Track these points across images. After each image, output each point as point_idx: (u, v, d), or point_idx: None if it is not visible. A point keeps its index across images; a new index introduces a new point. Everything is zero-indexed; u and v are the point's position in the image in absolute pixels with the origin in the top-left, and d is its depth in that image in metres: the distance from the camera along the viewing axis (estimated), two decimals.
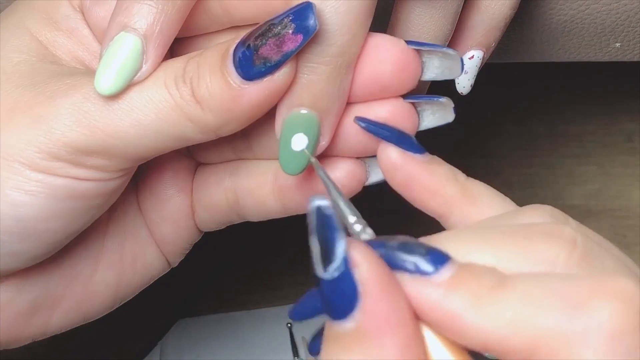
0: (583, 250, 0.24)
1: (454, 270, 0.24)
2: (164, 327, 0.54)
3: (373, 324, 0.23)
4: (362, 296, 0.23)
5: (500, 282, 0.23)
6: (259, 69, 0.29)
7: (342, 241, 0.24)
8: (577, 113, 0.61)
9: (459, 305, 0.23)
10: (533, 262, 0.24)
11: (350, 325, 0.23)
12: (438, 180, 0.31)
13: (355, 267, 0.23)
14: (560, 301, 0.22)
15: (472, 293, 0.23)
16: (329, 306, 0.24)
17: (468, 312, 0.23)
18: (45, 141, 0.30)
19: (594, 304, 0.22)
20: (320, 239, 0.24)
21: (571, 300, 0.22)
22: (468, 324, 0.23)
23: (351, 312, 0.23)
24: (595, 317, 0.22)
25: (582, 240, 0.25)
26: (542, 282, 0.23)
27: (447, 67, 0.33)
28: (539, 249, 0.25)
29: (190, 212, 0.37)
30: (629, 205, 0.58)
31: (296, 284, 0.57)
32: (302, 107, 0.31)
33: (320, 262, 0.24)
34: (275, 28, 0.29)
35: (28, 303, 0.34)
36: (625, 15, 0.40)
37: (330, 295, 0.24)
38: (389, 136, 0.31)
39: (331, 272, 0.24)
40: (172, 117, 0.30)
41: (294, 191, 0.34)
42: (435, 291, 0.24)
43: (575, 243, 0.25)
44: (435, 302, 0.24)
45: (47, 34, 0.33)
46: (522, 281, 0.23)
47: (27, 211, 0.30)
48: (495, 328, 0.23)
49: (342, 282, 0.23)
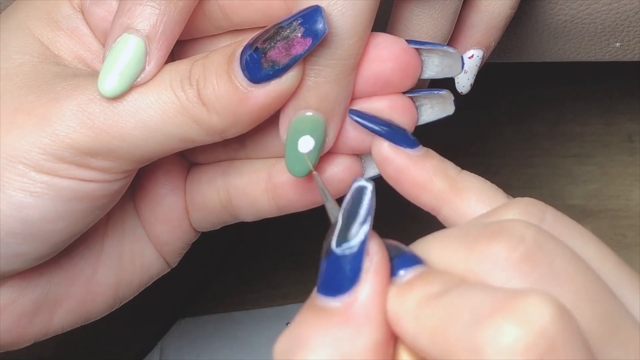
0: (528, 249, 0.24)
1: (412, 275, 0.25)
2: (164, 327, 0.54)
3: (359, 311, 0.24)
4: (362, 282, 0.24)
5: (442, 291, 0.23)
6: (266, 72, 0.29)
7: (368, 226, 0.25)
8: (577, 113, 0.61)
9: (401, 309, 0.24)
10: (476, 262, 0.24)
11: (336, 304, 0.24)
12: (426, 174, 0.31)
13: (367, 256, 0.24)
14: (469, 315, 0.22)
15: (416, 299, 0.24)
16: (324, 280, 0.24)
17: (406, 317, 0.24)
18: (50, 143, 0.30)
19: (491, 321, 0.22)
20: (347, 215, 0.25)
21: (477, 315, 0.22)
22: (404, 328, 0.24)
23: (343, 293, 0.24)
24: (488, 335, 0.21)
25: (533, 237, 0.24)
26: (464, 293, 0.23)
27: (447, 65, 0.33)
28: (483, 249, 0.24)
29: (184, 212, 0.37)
30: (629, 205, 0.58)
31: (296, 284, 0.57)
32: (309, 109, 0.31)
33: (336, 236, 0.25)
34: (284, 31, 0.29)
35: (30, 303, 0.34)
36: (625, 15, 0.40)
37: (331, 270, 0.24)
38: (381, 130, 0.32)
39: (344, 248, 0.24)
40: (177, 119, 0.30)
41: (288, 190, 0.34)
42: (390, 291, 0.24)
43: (521, 241, 0.24)
44: (387, 303, 0.24)
45: (49, 34, 0.33)
46: (453, 292, 0.23)
47: (31, 213, 0.30)
48: (420, 336, 0.23)
49: (349, 263, 0.24)
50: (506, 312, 0.22)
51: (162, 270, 0.38)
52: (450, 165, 0.31)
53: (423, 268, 0.25)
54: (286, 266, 0.57)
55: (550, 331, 0.21)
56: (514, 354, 0.21)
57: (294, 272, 0.57)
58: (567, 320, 0.22)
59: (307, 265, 0.57)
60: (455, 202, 0.30)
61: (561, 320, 0.22)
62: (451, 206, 0.30)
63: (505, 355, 0.21)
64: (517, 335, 0.21)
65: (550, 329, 0.21)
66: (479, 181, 0.31)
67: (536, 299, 0.22)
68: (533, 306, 0.22)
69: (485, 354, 0.21)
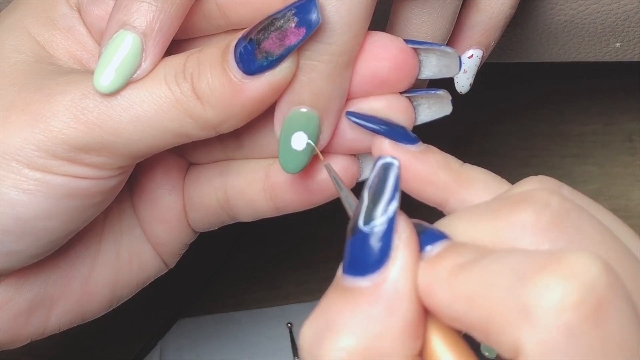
0: (555, 214, 0.24)
1: (441, 249, 0.24)
2: (164, 327, 0.54)
3: (391, 289, 0.23)
4: (392, 260, 0.24)
5: (474, 260, 0.23)
6: (260, 63, 0.30)
7: (396, 203, 0.24)
8: (577, 113, 0.61)
9: (433, 280, 0.24)
10: (504, 231, 0.24)
11: (365, 284, 0.24)
12: (430, 168, 0.31)
13: (396, 232, 0.24)
14: (511, 277, 0.22)
15: (447, 269, 0.23)
16: (351, 259, 0.24)
17: (440, 287, 0.23)
18: (43, 139, 0.30)
19: (538, 279, 0.22)
20: (374, 193, 0.24)
21: (520, 276, 0.22)
22: (438, 299, 0.23)
23: (372, 272, 0.24)
24: (537, 292, 0.21)
25: (558, 204, 0.24)
26: (500, 257, 0.23)
27: (444, 65, 0.33)
28: (509, 217, 0.24)
29: (182, 212, 0.37)
30: (629, 205, 0.58)
31: (296, 284, 0.57)
32: (303, 105, 0.31)
33: (363, 215, 0.24)
34: (277, 22, 0.29)
35: (27, 302, 0.34)
36: (625, 15, 0.40)
37: (359, 249, 0.24)
38: (380, 129, 0.32)
39: (372, 226, 0.24)
40: (172, 113, 0.30)
41: (285, 190, 0.34)
42: (420, 266, 0.24)
43: (546, 206, 0.24)
44: (418, 277, 0.24)
45: (45, 34, 0.33)
46: (488, 258, 0.23)
47: (25, 210, 0.30)
48: (457, 303, 0.23)
49: (378, 241, 0.24)
50: (553, 269, 0.22)
51: (159, 270, 0.38)
52: (452, 159, 0.31)
53: (449, 242, 0.25)
54: (286, 266, 0.57)
55: (598, 286, 0.21)
56: (564, 310, 0.21)
57: (294, 272, 0.57)
58: (614, 276, 0.22)
59: (307, 265, 0.57)
60: (461, 194, 0.30)
61: (609, 276, 0.22)
62: (458, 198, 0.30)
63: (555, 311, 0.21)
64: (567, 291, 0.21)
65: (599, 284, 0.21)
66: (483, 172, 0.31)
67: (582, 256, 0.22)
68: (580, 262, 0.22)
69: (534, 312, 0.21)
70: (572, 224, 0.24)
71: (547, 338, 0.21)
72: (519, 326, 0.22)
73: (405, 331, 0.23)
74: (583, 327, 0.21)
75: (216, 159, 0.36)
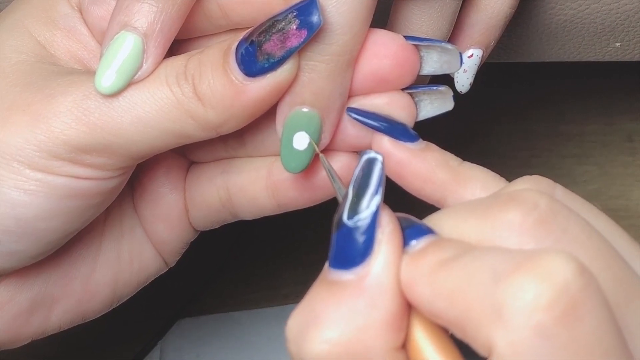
0: (542, 215, 0.24)
1: (424, 244, 0.25)
2: (164, 327, 0.54)
3: (374, 282, 0.24)
4: (375, 254, 0.24)
5: (456, 255, 0.23)
6: (261, 65, 0.30)
7: (379, 197, 0.25)
8: (577, 113, 0.61)
9: (415, 275, 0.24)
10: (490, 229, 0.24)
11: (349, 277, 0.24)
12: (429, 166, 0.31)
13: (379, 227, 0.24)
14: (488, 275, 0.22)
15: (429, 265, 0.24)
16: (336, 253, 0.24)
17: (421, 282, 0.24)
18: (45, 140, 0.30)
19: (513, 279, 0.22)
20: (358, 187, 0.25)
21: (497, 274, 0.22)
22: (419, 294, 0.24)
23: (356, 265, 0.24)
24: (510, 292, 0.21)
25: (546, 204, 0.24)
26: (481, 255, 0.23)
27: (445, 62, 0.33)
28: (496, 216, 0.25)
29: (183, 211, 0.37)
30: (629, 205, 0.58)
31: (296, 284, 0.57)
32: (304, 105, 0.32)
33: (347, 209, 0.25)
34: (279, 24, 0.29)
35: (27, 302, 0.34)
36: (625, 15, 0.40)
37: (343, 243, 0.24)
38: (380, 126, 0.32)
39: (356, 220, 0.24)
40: (173, 114, 0.30)
41: (287, 187, 0.34)
42: (403, 261, 0.24)
43: (534, 207, 0.24)
44: (401, 271, 0.24)
45: (46, 34, 0.33)
46: (469, 255, 0.23)
47: (26, 210, 0.30)
48: (437, 299, 0.23)
49: (361, 235, 0.24)
50: (527, 269, 0.22)
51: (160, 269, 0.38)
52: (451, 157, 0.32)
53: (435, 237, 0.25)
54: (286, 266, 0.57)
55: (572, 287, 0.21)
56: (537, 310, 0.21)
57: (294, 272, 0.57)
58: (588, 277, 0.22)
59: (307, 265, 0.56)
60: (459, 192, 0.30)
61: (583, 277, 0.22)
62: (456, 196, 0.30)
63: (527, 311, 0.21)
64: (539, 292, 0.21)
65: (572, 286, 0.21)
66: (482, 170, 0.31)
67: (557, 256, 0.22)
68: (554, 263, 0.22)
69: (506, 312, 0.21)
70: (558, 225, 0.24)
71: (518, 338, 0.21)
72: (493, 325, 0.22)
73: (388, 324, 0.24)
74: (555, 328, 0.21)
75: (218, 157, 0.36)
